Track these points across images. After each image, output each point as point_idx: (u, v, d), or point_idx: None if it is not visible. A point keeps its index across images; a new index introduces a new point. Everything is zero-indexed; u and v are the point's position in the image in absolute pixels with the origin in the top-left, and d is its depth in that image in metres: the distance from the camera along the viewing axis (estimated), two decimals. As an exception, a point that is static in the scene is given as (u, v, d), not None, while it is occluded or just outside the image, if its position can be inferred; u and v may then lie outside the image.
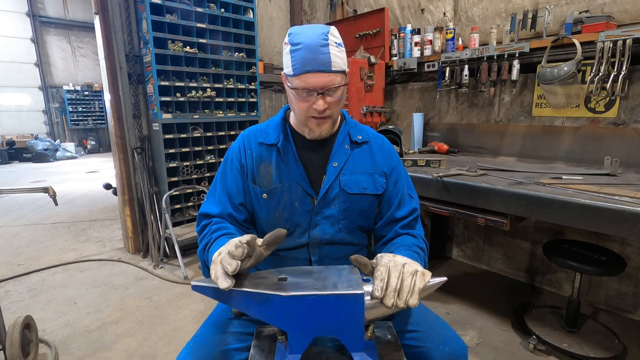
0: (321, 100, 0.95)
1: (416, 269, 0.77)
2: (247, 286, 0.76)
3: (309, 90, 0.95)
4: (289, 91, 1.00)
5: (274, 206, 1.07)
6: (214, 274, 0.76)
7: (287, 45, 0.96)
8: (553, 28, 2.26)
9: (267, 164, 1.08)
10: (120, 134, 3.09)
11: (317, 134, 1.04)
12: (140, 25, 2.93)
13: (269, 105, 3.96)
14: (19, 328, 1.75)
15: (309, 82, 0.93)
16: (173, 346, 2.05)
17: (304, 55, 0.92)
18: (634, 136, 2.06)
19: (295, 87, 0.96)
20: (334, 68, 0.94)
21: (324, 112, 0.97)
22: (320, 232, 1.07)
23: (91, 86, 11.80)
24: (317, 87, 0.94)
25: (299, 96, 0.97)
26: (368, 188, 1.09)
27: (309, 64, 0.92)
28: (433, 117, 3.07)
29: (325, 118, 1.00)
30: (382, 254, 0.83)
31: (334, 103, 0.98)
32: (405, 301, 0.74)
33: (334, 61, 0.94)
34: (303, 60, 0.92)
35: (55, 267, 3.12)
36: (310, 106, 0.97)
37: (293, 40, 0.94)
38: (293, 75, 0.95)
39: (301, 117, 1.02)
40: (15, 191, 1.96)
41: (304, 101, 0.97)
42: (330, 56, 0.93)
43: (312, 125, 1.02)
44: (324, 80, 0.94)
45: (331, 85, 0.95)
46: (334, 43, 0.94)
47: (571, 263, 1.84)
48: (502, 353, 1.96)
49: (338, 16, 3.67)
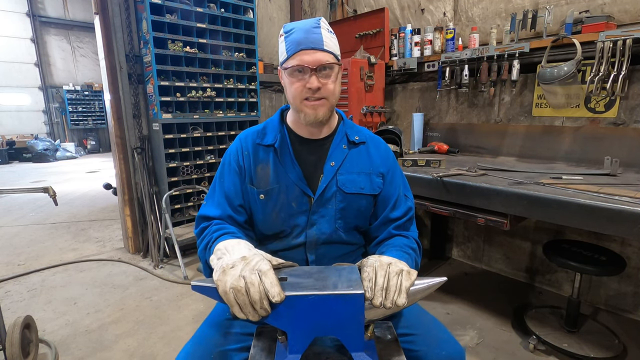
0: (314, 77, 0.97)
1: (402, 268, 0.78)
2: None
3: (302, 68, 0.97)
4: (285, 78, 1.02)
5: (272, 207, 1.07)
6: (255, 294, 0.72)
7: (282, 36, 1.01)
8: (553, 28, 2.26)
9: (265, 165, 1.08)
10: (120, 134, 3.09)
11: (313, 117, 1.01)
12: (140, 25, 2.93)
13: (269, 105, 3.96)
14: (19, 328, 1.75)
15: (303, 60, 0.96)
16: (173, 346, 2.05)
17: (297, 37, 0.97)
18: (634, 136, 2.06)
19: (289, 67, 0.98)
20: (326, 48, 0.98)
21: (317, 91, 0.98)
22: (317, 231, 1.07)
23: (91, 86, 11.80)
24: (310, 64, 0.96)
25: (293, 77, 0.99)
26: (365, 188, 1.09)
27: (302, 42, 0.96)
28: (433, 117, 3.07)
29: (320, 100, 1.00)
30: (369, 255, 0.84)
31: (327, 82, 0.99)
32: (392, 300, 0.74)
33: (326, 42, 0.98)
34: (297, 40, 0.97)
35: (55, 267, 3.12)
36: (304, 86, 0.98)
37: (286, 29, 1.00)
38: (287, 58, 0.98)
39: (296, 102, 1.02)
40: (15, 191, 1.95)
41: (298, 81, 0.98)
42: (322, 37, 0.98)
43: (307, 109, 1.01)
44: (317, 57, 0.96)
45: (324, 62, 0.97)
46: (325, 28, 1.00)
47: (571, 263, 1.84)
48: (502, 353, 1.96)
49: (338, 16, 3.67)
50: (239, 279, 0.73)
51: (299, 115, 1.04)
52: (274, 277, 0.73)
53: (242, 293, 0.72)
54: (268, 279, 0.72)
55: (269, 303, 0.72)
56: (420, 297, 0.80)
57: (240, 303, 0.73)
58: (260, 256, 0.79)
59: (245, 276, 0.73)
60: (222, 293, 0.74)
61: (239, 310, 0.73)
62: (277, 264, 0.81)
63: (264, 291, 0.72)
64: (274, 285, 0.72)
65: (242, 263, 0.76)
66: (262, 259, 0.78)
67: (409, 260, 0.94)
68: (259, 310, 0.72)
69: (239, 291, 0.72)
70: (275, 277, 0.74)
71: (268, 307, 0.72)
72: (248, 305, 0.72)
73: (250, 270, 0.74)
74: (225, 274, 0.75)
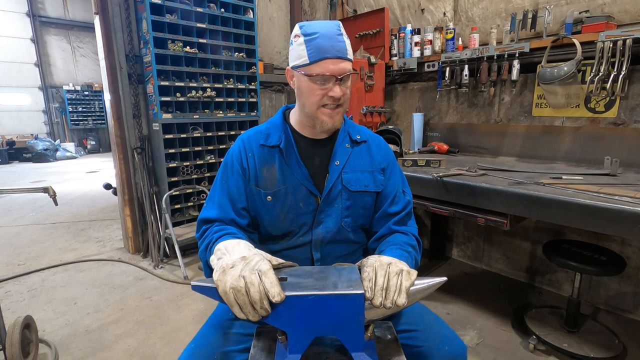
0: (338, 87, 0.97)
1: (402, 268, 0.78)
2: None
3: (326, 77, 0.96)
4: (301, 82, 1.00)
5: (279, 208, 1.07)
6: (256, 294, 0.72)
7: (299, 37, 0.97)
8: (553, 28, 2.26)
9: (270, 166, 1.08)
10: (120, 134, 3.09)
11: (330, 124, 1.03)
12: (140, 25, 2.93)
13: (269, 105, 3.95)
14: (19, 328, 1.75)
15: (328, 69, 0.95)
16: (173, 346, 2.05)
17: (321, 43, 0.94)
18: (634, 136, 2.06)
19: (312, 74, 0.96)
20: (349, 56, 0.98)
21: (339, 99, 0.99)
22: (323, 230, 1.08)
23: (91, 86, 11.80)
24: (336, 73, 0.96)
25: (315, 84, 0.97)
26: (369, 186, 1.10)
27: (329, 51, 0.94)
28: (433, 117, 3.07)
29: (337, 107, 1.01)
30: (369, 256, 0.85)
31: (347, 92, 1.01)
32: (392, 300, 0.74)
33: (348, 50, 0.98)
34: (321, 47, 0.94)
35: (55, 267, 3.12)
36: (325, 94, 0.98)
37: (307, 31, 0.96)
38: (309, 64, 0.96)
39: (312, 109, 1.01)
40: (15, 191, 1.95)
41: (320, 89, 0.98)
42: (346, 45, 0.97)
43: (324, 117, 1.01)
44: (342, 67, 0.96)
45: (348, 72, 0.97)
46: (345, 34, 0.99)
47: (571, 263, 1.84)
48: (502, 353, 1.96)
49: (338, 16, 3.68)
50: (239, 278, 0.73)
51: (312, 122, 1.04)
52: (274, 277, 0.73)
53: (242, 293, 0.72)
54: (268, 279, 0.72)
55: (269, 303, 0.72)
56: (420, 297, 0.80)
57: (240, 303, 0.73)
58: (260, 256, 0.79)
59: (245, 276, 0.73)
60: (222, 293, 0.74)
61: (239, 311, 0.73)
62: (277, 264, 0.81)
63: (263, 291, 0.72)
64: (274, 285, 0.72)
65: (242, 263, 0.76)
66: (262, 259, 0.78)
67: (409, 259, 0.94)
68: (259, 310, 0.72)
69: (239, 291, 0.72)
70: (275, 277, 0.74)
71: (268, 307, 0.72)
72: (248, 305, 0.72)
73: (250, 270, 0.74)
74: (225, 274, 0.75)
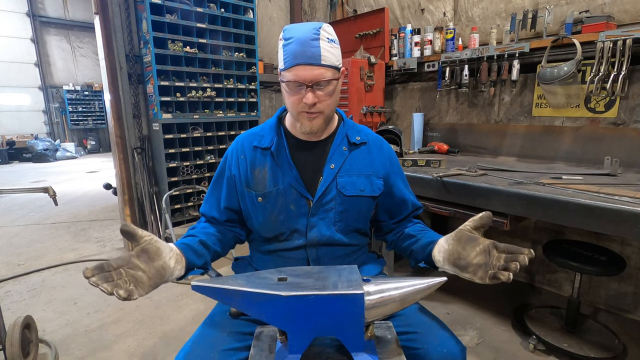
0: (310, 94, 0.95)
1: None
2: (247, 286, 0.76)
3: (299, 84, 0.95)
4: (282, 86, 1.01)
5: (270, 210, 1.07)
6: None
7: (281, 41, 0.98)
8: (553, 28, 2.26)
9: (262, 168, 1.08)
10: (120, 134, 3.09)
11: (308, 129, 1.02)
12: (140, 25, 2.93)
13: (269, 105, 3.96)
14: (19, 328, 1.75)
15: (299, 75, 0.94)
16: (173, 346, 2.05)
17: (294, 49, 0.93)
18: (634, 136, 2.06)
19: (286, 80, 0.96)
20: (324, 62, 0.94)
21: (313, 106, 0.97)
22: (317, 233, 1.07)
23: (91, 86, 11.80)
24: (306, 80, 0.94)
25: (290, 90, 0.97)
26: (365, 190, 1.08)
27: (299, 56, 0.93)
28: (433, 117, 3.07)
29: (315, 113, 0.99)
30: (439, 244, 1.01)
31: (324, 97, 0.97)
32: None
33: (324, 55, 0.94)
34: (294, 53, 0.93)
35: (55, 267, 3.12)
36: (300, 100, 0.97)
37: (286, 35, 0.96)
38: (284, 69, 0.96)
39: (293, 112, 1.02)
40: (15, 191, 1.95)
41: (294, 95, 0.97)
42: (320, 50, 0.93)
43: (303, 120, 1.01)
44: (313, 74, 0.93)
45: (320, 79, 0.94)
46: (325, 38, 0.94)
47: (571, 263, 1.84)
48: (502, 353, 1.96)
49: (338, 16, 3.68)
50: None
51: (296, 124, 1.05)
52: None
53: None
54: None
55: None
56: (420, 297, 0.80)
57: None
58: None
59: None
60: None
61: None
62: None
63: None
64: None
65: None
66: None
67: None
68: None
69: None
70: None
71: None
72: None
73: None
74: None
